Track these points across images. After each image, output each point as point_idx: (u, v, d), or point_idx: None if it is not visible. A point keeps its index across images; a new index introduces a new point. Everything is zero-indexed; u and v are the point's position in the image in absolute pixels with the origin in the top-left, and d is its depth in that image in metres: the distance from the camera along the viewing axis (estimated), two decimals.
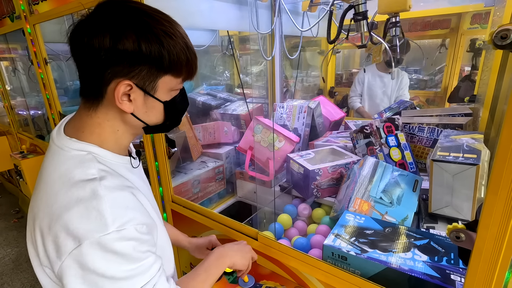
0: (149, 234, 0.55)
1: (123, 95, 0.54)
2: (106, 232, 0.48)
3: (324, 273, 0.80)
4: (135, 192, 0.57)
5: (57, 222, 0.49)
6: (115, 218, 0.49)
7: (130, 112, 0.56)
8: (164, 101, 0.58)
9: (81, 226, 0.48)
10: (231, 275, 0.93)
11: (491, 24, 1.31)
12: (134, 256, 0.51)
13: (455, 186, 0.83)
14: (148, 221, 0.55)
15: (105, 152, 0.57)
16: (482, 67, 1.33)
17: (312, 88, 2.76)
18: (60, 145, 0.56)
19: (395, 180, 0.97)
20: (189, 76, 0.59)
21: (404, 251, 0.73)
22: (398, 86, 2.33)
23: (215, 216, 1.09)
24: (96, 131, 0.57)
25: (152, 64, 0.52)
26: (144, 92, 0.55)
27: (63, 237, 0.48)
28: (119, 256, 0.49)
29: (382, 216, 0.90)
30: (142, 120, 0.58)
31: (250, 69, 2.29)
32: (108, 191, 0.51)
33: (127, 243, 0.50)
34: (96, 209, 0.49)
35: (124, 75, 0.52)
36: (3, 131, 3.11)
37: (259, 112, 1.84)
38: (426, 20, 2.75)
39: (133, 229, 0.51)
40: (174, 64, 0.54)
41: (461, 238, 0.54)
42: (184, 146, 1.50)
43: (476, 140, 0.92)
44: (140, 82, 0.54)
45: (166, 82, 0.56)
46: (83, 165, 0.54)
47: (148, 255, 0.53)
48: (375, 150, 1.19)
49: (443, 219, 0.89)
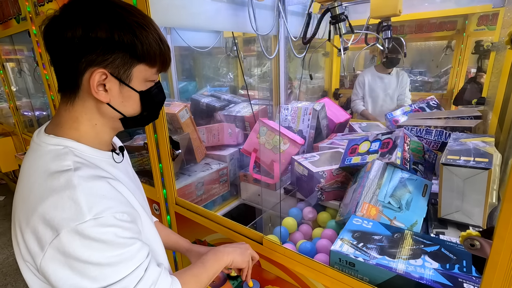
0: (132, 223, 0.54)
1: (99, 85, 0.54)
2: (82, 220, 0.47)
3: (330, 279, 0.78)
4: (114, 182, 0.56)
5: (34, 214, 0.49)
6: (91, 206, 0.48)
7: (106, 102, 0.56)
8: (140, 91, 0.59)
9: (57, 216, 0.47)
10: (235, 280, 0.92)
11: (502, 24, 1.29)
12: (117, 242, 0.50)
13: (465, 191, 0.81)
14: (129, 210, 0.55)
15: (83, 146, 0.57)
16: (491, 69, 1.31)
17: (316, 90, 2.74)
18: (38, 142, 0.57)
19: (403, 184, 0.95)
20: (163, 67, 0.60)
21: (414, 258, 0.71)
22: (399, 86, 2.31)
23: (219, 219, 1.08)
24: (74, 126, 0.57)
25: (125, 51, 0.53)
26: (119, 81, 0.55)
27: (42, 228, 0.48)
28: (101, 242, 0.48)
29: (390, 221, 0.88)
30: (118, 110, 0.58)
31: (255, 70, 2.28)
32: (82, 180, 0.51)
33: (107, 229, 0.49)
34: (71, 198, 0.48)
35: (98, 63, 0.52)
36: (9, 132, 3.13)
37: (264, 114, 1.83)
38: (431, 21, 2.73)
39: (111, 217, 0.50)
40: (147, 53, 0.55)
41: (476, 246, 0.52)
42: (188, 148, 1.50)
43: (487, 144, 0.89)
44: (114, 71, 0.54)
45: (141, 72, 0.57)
46: (59, 158, 0.54)
47: (134, 241, 0.53)
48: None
49: (453, 225, 0.87)
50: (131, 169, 0.74)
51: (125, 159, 0.70)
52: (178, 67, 2.46)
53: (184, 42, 2.13)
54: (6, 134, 3.13)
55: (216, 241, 1.13)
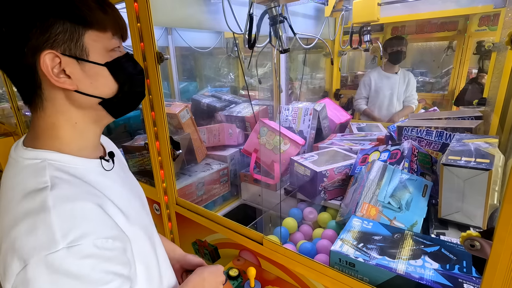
0: (116, 250, 0.46)
1: (58, 72, 0.47)
2: (54, 249, 0.40)
3: (331, 279, 0.78)
4: (102, 201, 0.49)
5: (6, 240, 0.43)
6: (66, 232, 0.41)
7: (73, 89, 0.49)
8: (105, 63, 0.51)
9: (28, 244, 0.41)
10: (235, 280, 0.92)
11: (503, 25, 1.29)
12: (92, 278, 0.42)
13: (466, 192, 0.81)
14: (115, 234, 0.47)
15: (65, 156, 0.51)
16: (492, 69, 1.31)
17: (317, 90, 2.74)
18: (15, 157, 0.51)
19: (403, 185, 0.95)
20: (116, 28, 0.52)
21: (414, 258, 0.71)
22: (406, 87, 2.30)
23: (220, 219, 1.08)
24: (53, 134, 0.51)
25: (62, 18, 0.46)
26: (76, 59, 0.48)
27: (10, 258, 0.41)
28: (73, 278, 0.41)
29: (390, 222, 0.88)
30: (92, 94, 0.51)
31: (256, 71, 2.28)
32: (59, 201, 0.44)
33: (82, 261, 0.41)
34: (44, 223, 0.41)
35: (41, 46, 0.45)
36: (10, 132, 3.15)
37: (264, 114, 1.83)
38: (432, 22, 2.72)
39: (90, 245, 0.42)
40: (88, 14, 0.47)
41: (476, 247, 0.52)
42: (189, 148, 1.50)
43: (490, 145, 0.89)
44: (64, 48, 0.47)
45: (95, 40, 0.49)
46: (36, 173, 0.47)
47: (113, 278, 0.44)
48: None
49: (454, 225, 0.87)
50: (124, 173, 0.65)
51: (117, 163, 0.62)
52: (179, 67, 2.47)
53: (185, 43, 2.14)
54: (8, 134, 3.14)
55: (217, 241, 1.13)
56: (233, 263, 1.01)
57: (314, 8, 1.95)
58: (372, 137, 1.53)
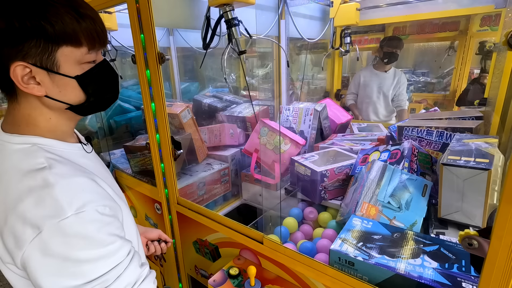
0: (113, 217, 0.54)
1: (29, 79, 0.50)
2: (64, 216, 0.47)
3: (330, 278, 0.79)
4: (92, 176, 0.55)
5: (13, 213, 0.48)
6: (71, 201, 0.48)
7: (42, 95, 0.53)
8: (75, 76, 0.54)
9: (38, 213, 0.47)
10: (236, 279, 0.92)
11: (503, 25, 1.29)
12: (98, 238, 0.50)
13: (466, 191, 0.81)
14: (110, 203, 0.54)
15: (51, 141, 0.56)
16: (493, 69, 1.31)
17: (318, 91, 2.74)
18: (2, 141, 0.55)
19: (403, 184, 0.95)
20: (92, 44, 0.53)
21: (413, 257, 0.72)
22: (395, 85, 2.31)
23: (221, 219, 1.09)
24: (31, 122, 0.55)
25: (36, 37, 0.48)
26: (46, 71, 0.51)
27: (21, 227, 0.47)
28: (82, 238, 0.48)
29: (390, 221, 0.88)
30: (60, 100, 0.55)
31: (257, 71, 2.29)
32: (59, 178, 0.50)
33: (88, 225, 0.49)
34: (50, 196, 0.48)
35: (14, 57, 0.48)
36: None
37: (265, 115, 1.84)
38: (434, 22, 2.72)
39: (93, 211, 0.49)
40: (63, 33, 0.49)
41: (474, 245, 0.52)
42: (190, 148, 1.51)
43: (490, 145, 0.89)
44: (36, 60, 0.50)
45: (67, 55, 0.51)
46: (29, 156, 0.52)
47: (114, 239, 0.52)
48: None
49: (453, 225, 0.87)
50: (99, 158, 0.72)
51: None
52: (181, 68, 2.48)
53: (186, 43, 2.15)
54: None
55: (218, 240, 1.14)
56: (233, 262, 1.02)
57: (319, 10, 1.98)
58: (373, 137, 1.53)
